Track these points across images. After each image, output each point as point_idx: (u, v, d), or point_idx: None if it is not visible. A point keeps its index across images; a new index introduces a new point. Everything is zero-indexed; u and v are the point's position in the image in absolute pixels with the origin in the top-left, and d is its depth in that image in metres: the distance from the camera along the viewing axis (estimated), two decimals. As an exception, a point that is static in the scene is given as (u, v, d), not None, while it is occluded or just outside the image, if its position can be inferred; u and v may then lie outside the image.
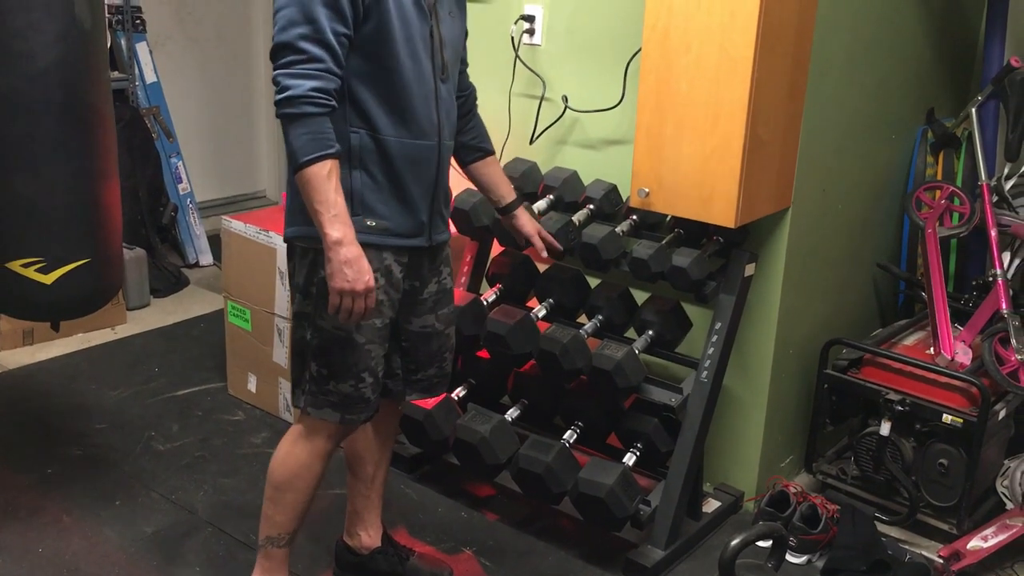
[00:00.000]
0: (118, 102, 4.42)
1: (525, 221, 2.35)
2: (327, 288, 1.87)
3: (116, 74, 4.40)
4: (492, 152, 2.34)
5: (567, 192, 2.88)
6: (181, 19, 5.10)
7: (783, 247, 2.66)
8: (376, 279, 1.92)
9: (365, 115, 1.91)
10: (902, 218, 3.20)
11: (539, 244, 2.36)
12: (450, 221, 2.22)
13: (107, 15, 4.28)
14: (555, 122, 2.97)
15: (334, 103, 1.82)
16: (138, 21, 4.57)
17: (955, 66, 3.33)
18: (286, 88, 1.78)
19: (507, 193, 2.34)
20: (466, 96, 2.26)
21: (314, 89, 1.78)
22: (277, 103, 1.80)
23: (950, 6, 3.19)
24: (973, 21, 3.32)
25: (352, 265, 1.81)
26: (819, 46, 2.53)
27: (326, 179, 1.79)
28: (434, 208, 2.06)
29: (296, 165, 1.80)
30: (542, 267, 2.92)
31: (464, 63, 2.22)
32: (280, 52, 1.80)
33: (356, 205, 1.92)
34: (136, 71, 4.53)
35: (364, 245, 1.88)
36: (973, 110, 2.95)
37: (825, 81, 2.62)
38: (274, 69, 1.81)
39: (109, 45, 4.33)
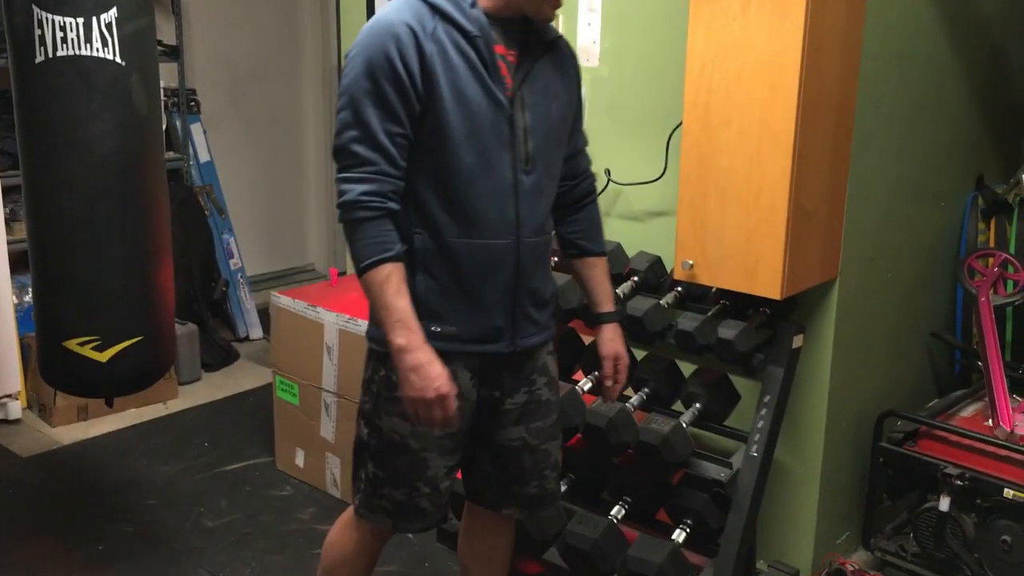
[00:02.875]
0: (172, 181, 4.55)
1: (606, 340, 2.15)
2: (386, 390, 1.84)
3: (171, 154, 4.54)
4: (595, 252, 2.16)
5: (611, 264, 2.87)
6: (234, 100, 5.26)
7: (832, 318, 2.62)
8: None
9: (427, 215, 1.82)
10: (955, 286, 3.15)
11: (607, 371, 2.16)
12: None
13: (163, 98, 4.44)
14: (598, 194, 2.98)
15: (390, 205, 1.76)
16: (193, 103, 4.72)
17: (1003, 131, 3.30)
18: (342, 193, 1.76)
19: (601, 302, 2.16)
20: (573, 185, 2.11)
21: (365, 193, 1.74)
22: (337, 207, 1.79)
23: (996, 72, 3.17)
24: (1019, 87, 3.29)
25: (419, 372, 1.74)
26: (862, 115, 2.52)
27: (384, 284, 1.74)
28: (517, 311, 1.91)
29: (357, 271, 1.78)
30: (587, 339, 2.91)
31: (576, 147, 2.10)
32: (336, 156, 1.79)
33: (421, 310, 1.82)
34: (190, 151, 4.67)
35: None
36: (1023, 176, 2.91)
37: (869, 150, 2.61)
38: (336, 173, 1.80)
39: (165, 126, 4.48)
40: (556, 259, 2.37)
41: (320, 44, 5.55)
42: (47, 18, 2.18)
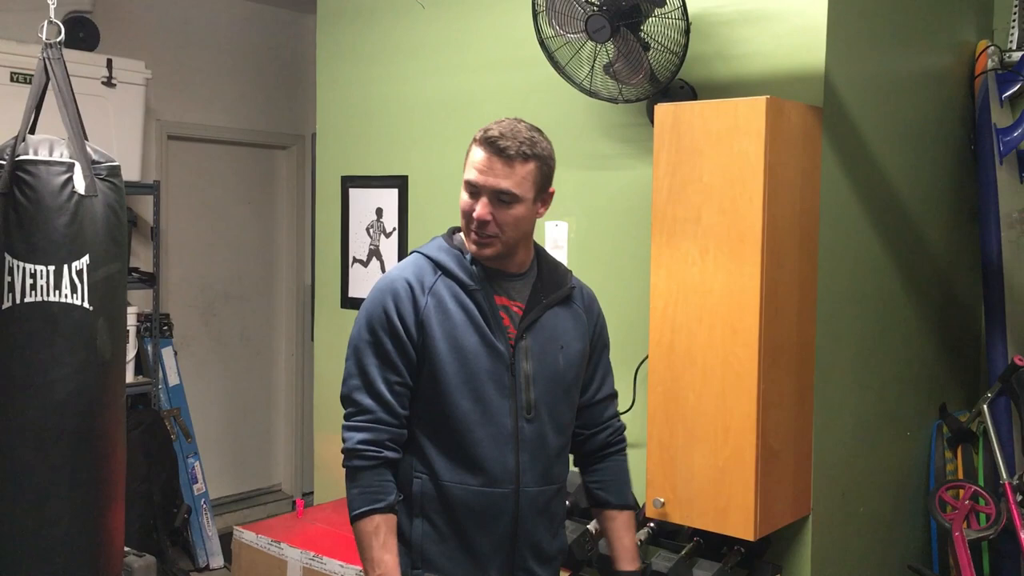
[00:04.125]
0: (140, 405, 4.52)
1: None
2: None
3: (140, 378, 4.51)
4: (615, 505, 2.08)
5: (583, 498, 2.82)
6: (206, 321, 5.30)
7: (807, 555, 2.56)
8: None
9: (426, 459, 1.86)
10: (928, 517, 3.11)
11: None
12: None
13: (137, 323, 4.47)
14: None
15: (387, 453, 1.83)
16: (165, 327, 4.75)
17: (962, 360, 3.37)
18: (343, 441, 1.85)
19: (619, 558, 2.05)
20: (594, 433, 2.09)
21: (362, 442, 1.82)
22: (341, 453, 1.87)
23: (948, 302, 3.27)
24: (974, 317, 3.39)
25: None
26: (822, 351, 2.57)
27: (372, 536, 1.78)
28: (514, 564, 1.89)
29: (350, 517, 1.81)
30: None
31: (598, 395, 2.08)
32: (342, 403, 1.89)
33: (416, 557, 1.84)
34: (160, 375, 4.65)
35: None
36: (985, 407, 2.94)
37: (831, 384, 2.64)
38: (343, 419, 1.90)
39: (136, 351, 4.48)
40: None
41: (294, 266, 5.68)
42: (18, 266, 2.21)
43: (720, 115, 2.36)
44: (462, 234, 1.95)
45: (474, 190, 1.85)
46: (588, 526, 2.67)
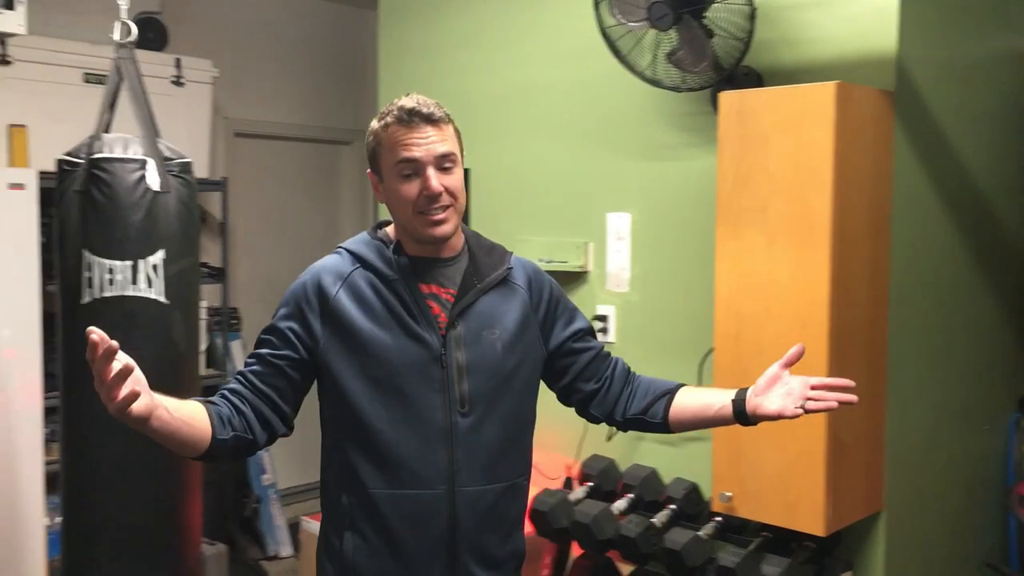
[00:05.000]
0: (210, 398, 4.60)
1: (767, 400, 1.81)
2: None
3: (211, 371, 4.60)
4: (674, 387, 1.91)
5: (647, 491, 2.82)
6: (273, 315, 5.36)
7: (880, 553, 2.51)
8: None
9: (351, 470, 1.75)
10: (1006, 513, 3.02)
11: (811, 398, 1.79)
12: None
13: (207, 317, 4.56)
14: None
15: (220, 395, 1.81)
16: (234, 321, 4.84)
17: (1041, 350, 3.26)
18: None
19: (721, 396, 1.86)
20: (608, 377, 1.92)
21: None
22: None
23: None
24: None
25: None
26: (894, 342, 2.51)
27: None
28: (455, 570, 1.75)
29: None
30: (624, 570, 2.80)
31: (590, 348, 1.91)
32: None
33: (349, 574, 1.75)
34: (230, 367, 4.74)
35: None
36: (1066, 399, 2.85)
37: (905, 378, 2.58)
38: None
39: (207, 346, 4.57)
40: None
41: (359, 260, 5.72)
42: (96, 262, 2.27)
43: (787, 102, 2.31)
44: (388, 229, 1.84)
45: (413, 169, 1.72)
46: (653, 519, 2.66)
